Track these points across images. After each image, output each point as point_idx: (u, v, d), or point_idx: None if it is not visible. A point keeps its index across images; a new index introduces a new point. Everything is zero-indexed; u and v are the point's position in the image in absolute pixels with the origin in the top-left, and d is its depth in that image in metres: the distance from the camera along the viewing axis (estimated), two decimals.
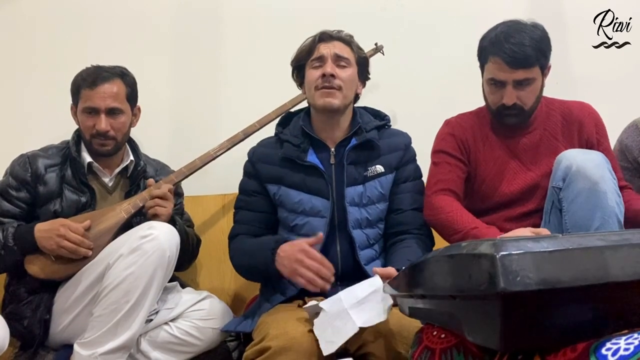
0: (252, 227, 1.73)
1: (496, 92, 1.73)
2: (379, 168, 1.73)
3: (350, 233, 1.66)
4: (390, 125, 1.85)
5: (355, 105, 1.83)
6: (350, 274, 1.65)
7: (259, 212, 1.74)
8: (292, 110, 1.96)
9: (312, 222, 1.67)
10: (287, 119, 1.83)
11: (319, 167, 1.68)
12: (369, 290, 1.36)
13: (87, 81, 1.78)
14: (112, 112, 1.79)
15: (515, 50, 1.64)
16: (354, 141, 1.72)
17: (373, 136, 1.73)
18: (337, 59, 1.70)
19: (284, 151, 1.71)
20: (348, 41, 1.75)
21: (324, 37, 1.72)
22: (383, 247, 1.75)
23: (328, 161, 1.72)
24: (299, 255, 1.53)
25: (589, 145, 1.79)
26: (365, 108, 1.86)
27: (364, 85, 1.81)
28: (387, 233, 1.75)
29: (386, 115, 1.85)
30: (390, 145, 1.77)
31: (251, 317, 1.64)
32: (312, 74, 1.70)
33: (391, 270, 1.46)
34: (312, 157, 1.70)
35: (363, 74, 1.79)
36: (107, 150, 1.82)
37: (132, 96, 1.85)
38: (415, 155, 1.83)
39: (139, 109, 1.91)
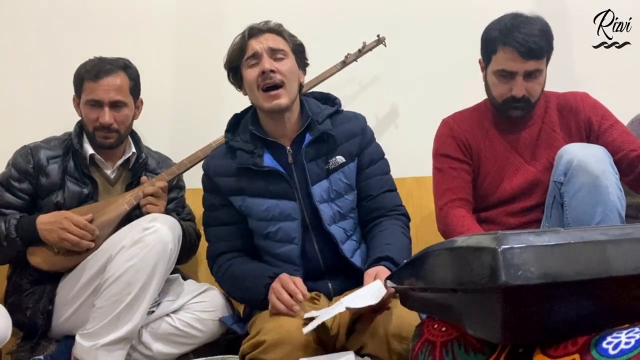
0: (229, 243, 1.68)
1: (505, 83, 1.72)
2: (340, 159, 1.65)
3: (327, 230, 1.62)
4: (342, 110, 1.75)
5: (302, 94, 1.75)
6: (333, 268, 1.64)
7: (230, 224, 1.68)
8: (239, 112, 1.84)
9: (284, 227, 1.62)
10: (234, 123, 1.73)
11: (278, 170, 1.61)
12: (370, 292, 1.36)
13: (90, 73, 1.77)
14: (115, 105, 1.78)
15: (528, 40, 1.64)
16: (308, 137, 1.63)
17: (327, 127, 1.64)
18: (273, 52, 1.60)
19: (238, 160, 1.62)
20: (278, 31, 1.65)
21: (253, 32, 1.63)
22: (361, 235, 1.72)
23: (286, 161, 1.64)
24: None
25: (589, 130, 1.79)
26: (312, 94, 1.79)
27: (305, 72, 1.72)
28: (362, 221, 1.71)
29: (336, 99, 1.76)
30: (346, 133, 1.68)
31: (245, 322, 1.65)
32: (250, 74, 1.61)
33: (373, 274, 1.46)
34: (269, 161, 1.62)
35: (302, 62, 1.69)
36: (110, 143, 1.81)
37: (135, 89, 1.85)
38: (373, 135, 1.76)
39: (142, 101, 1.91)
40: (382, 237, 1.62)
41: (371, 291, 1.36)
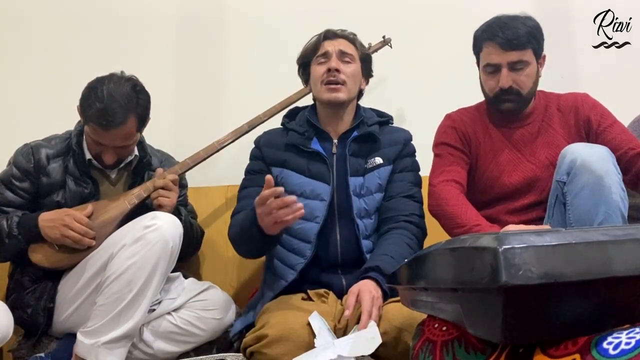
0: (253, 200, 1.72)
1: (492, 77, 1.76)
2: (378, 160, 1.75)
3: (354, 220, 1.68)
4: (393, 123, 1.88)
5: (360, 103, 1.85)
6: (349, 262, 1.67)
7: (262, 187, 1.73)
8: (299, 105, 1.96)
9: (310, 205, 1.67)
10: (293, 112, 1.89)
11: (321, 153, 1.73)
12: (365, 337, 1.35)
13: (98, 120, 1.65)
14: (121, 147, 1.75)
15: (508, 32, 1.70)
16: (355, 133, 1.77)
17: (374, 130, 1.77)
18: (342, 55, 1.75)
19: (289, 138, 1.77)
20: (352, 39, 1.81)
21: (329, 35, 1.78)
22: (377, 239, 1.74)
23: (330, 151, 1.76)
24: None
25: (588, 129, 1.80)
26: (371, 109, 1.89)
27: (367, 82, 1.86)
28: (379, 220, 1.74)
29: (390, 115, 1.89)
30: (391, 140, 1.80)
31: (253, 308, 1.66)
32: (318, 70, 1.76)
33: (355, 292, 1.45)
34: (315, 145, 1.75)
35: (366, 71, 1.84)
36: (109, 167, 1.81)
37: (143, 123, 1.77)
38: (414, 151, 1.84)
39: (149, 119, 1.81)
40: (381, 246, 1.64)
41: (367, 336, 1.34)
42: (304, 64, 1.82)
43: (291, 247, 1.68)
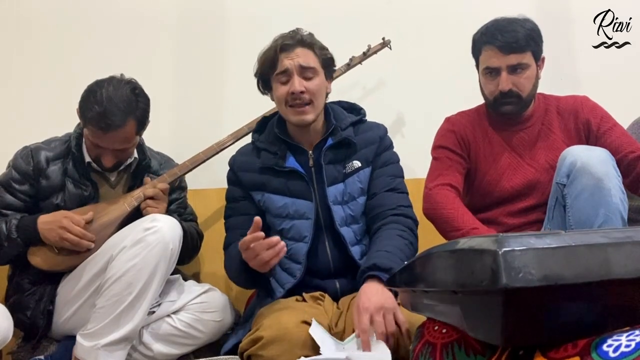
0: (245, 231, 1.66)
1: (492, 80, 1.77)
2: (356, 163, 1.69)
3: (338, 231, 1.64)
4: (366, 119, 1.80)
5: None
6: (342, 269, 1.65)
7: (248, 214, 1.68)
8: (267, 115, 1.90)
9: (297, 225, 1.65)
10: (262, 125, 1.80)
11: (299, 170, 1.66)
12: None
13: (97, 123, 1.66)
14: (120, 150, 1.75)
15: (506, 35, 1.71)
16: (330, 141, 1.69)
17: (349, 134, 1.70)
18: (303, 70, 1.63)
19: (262, 160, 1.69)
20: (309, 44, 1.66)
21: (285, 47, 1.63)
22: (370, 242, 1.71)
23: (307, 164, 1.69)
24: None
25: (588, 132, 1.81)
26: (339, 102, 1.82)
27: (331, 82, 1.76)
28: (367, 220, 1.71)
29: (361, 109, 1.80)
30: (366, 140, 1.73)
31: (248, 322, 1.64)
32: (280, 90, 1.64)
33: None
34: (291, 162, 1.68)
35: (329, 73, 1.73)
36: (108, 169, 1.81)
37: (142, 127, 1.76)
38: (390, 144, 1.79)
39: (148, 122, 1.81)
40: (375, 245, 1.60)
41: (377, 357, 1.30)
42: (263, 79, 1.70)
43: (283, 266, 1.65)
